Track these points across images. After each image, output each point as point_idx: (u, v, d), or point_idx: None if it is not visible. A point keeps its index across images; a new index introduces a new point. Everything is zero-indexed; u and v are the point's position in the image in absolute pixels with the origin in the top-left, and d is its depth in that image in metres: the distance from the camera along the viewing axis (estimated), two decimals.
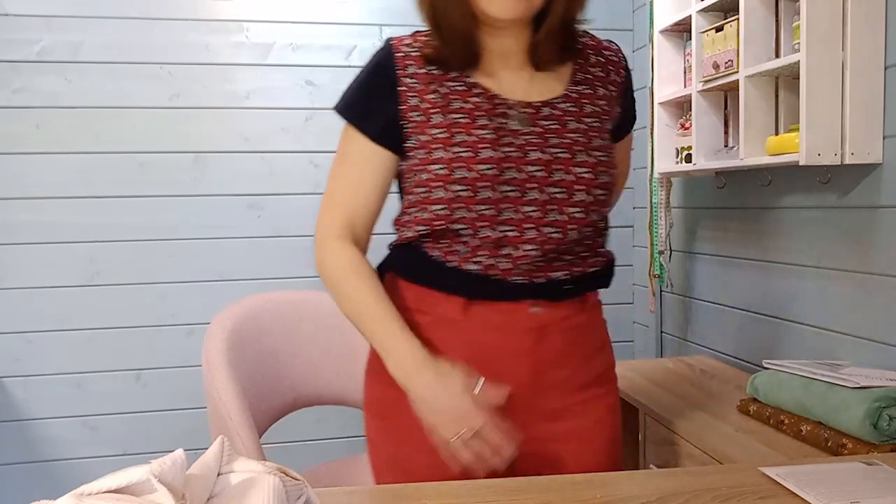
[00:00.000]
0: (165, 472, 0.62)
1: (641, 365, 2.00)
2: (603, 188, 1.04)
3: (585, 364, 1.10)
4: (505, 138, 1.00)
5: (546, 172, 1.00)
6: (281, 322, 1.85)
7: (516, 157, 0.99)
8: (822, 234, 1.63)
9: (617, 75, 1.11)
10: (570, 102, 1.05)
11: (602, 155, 1.04)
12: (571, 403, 1.08)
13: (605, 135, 1.07)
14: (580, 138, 1.03)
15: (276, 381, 1.82)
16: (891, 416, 1.22)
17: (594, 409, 1.11)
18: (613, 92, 1.10)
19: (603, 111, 1.08)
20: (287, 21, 2.35)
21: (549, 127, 1.02)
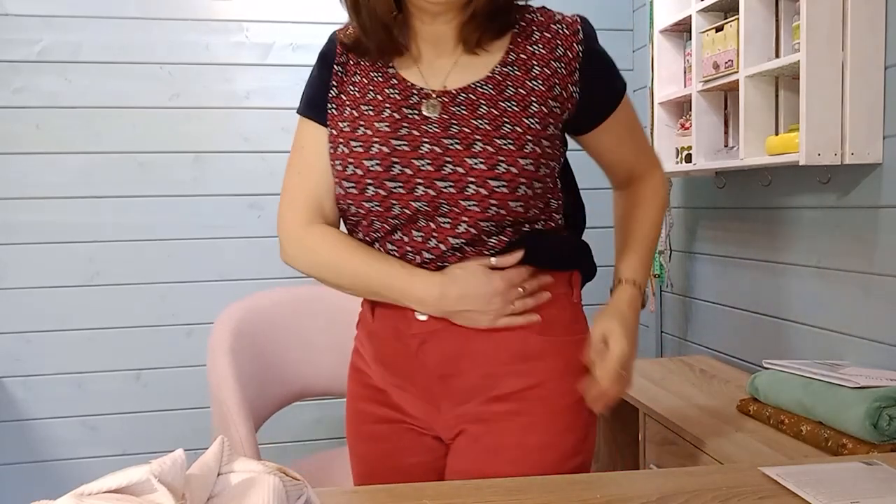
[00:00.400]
0: (165, 472, 0.62)
1: (641, 365, 2.00)
2: (503, 179, 0.92)
3: (488, 378, 0.99)
4: (402, 131, 0.96)
5: (435, 167, 0.93)
6: (285, 317, 1.90)
7: (405, 152, 0.95)
8: (822, 234, 1.63)
9: (568, 50, 0.98)
10: (491, 85, 0.96)
11: (510, 143, 0.93)
12: (467, 414, 1.01)
13: (530, 119, 0.95)
14: (486, 125, 0.94)
15: (278, 373, 1.85)
16: (891, 416, 1.23)
17: (497, 428, 0.99)
18: (560, 70, 0.97)
19: (533, 93, 0.96)
20: (287, 21, 2.35)
21: (458, 114, 0.95)
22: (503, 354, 0.99)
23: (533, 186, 0.95)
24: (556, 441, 0.99)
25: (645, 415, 1.65)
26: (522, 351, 0.99)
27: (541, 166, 0.95)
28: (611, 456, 2.09)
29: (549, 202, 1.01)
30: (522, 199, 0.94)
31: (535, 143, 0.95)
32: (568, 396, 1.00)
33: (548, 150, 0.97)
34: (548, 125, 0.97)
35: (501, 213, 0.93)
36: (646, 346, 2.50)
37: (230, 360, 1.60)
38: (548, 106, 0.97)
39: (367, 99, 1.00)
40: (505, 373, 0.99)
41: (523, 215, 0.96)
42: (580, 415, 1.01)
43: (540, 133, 0.96)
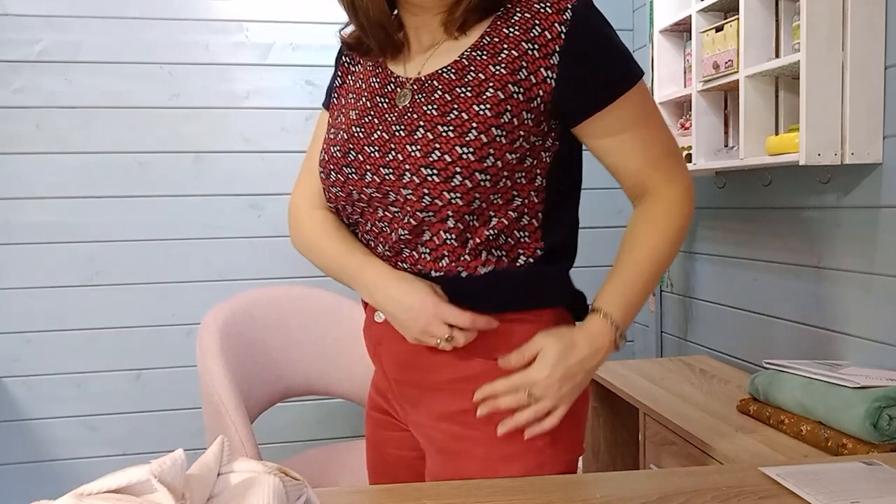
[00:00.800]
0: (165, 472, 0.62)
1: (641, 365, 2.00)
2: (436, 168, 0.87)
3: (433, 392, 0.97)
4: (365, 119, 0.96)
5: (381, 153, 0.92)
6: (272, 315, 1.94)
7: (360, 139, 0.95)
8: (822, 234, 1.63)
9: (547, 30, 0.88)
10: (455, 70, 0.92)
11: (450, 129, 0.88)
12: (423, 427, 0.99)
13: (481, 105, 0.89)
14: (434, 112, 0.90)
15: (267, 371, 1.89)
16: (891, 416, 1.22)
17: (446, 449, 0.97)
18: (531, 51, 0.89)
19: (493, 77, 0.89)
20: (287, 21, 2.35)
21: (417, 101, 0.93)
22: (445, 371, 0.96)
23: (474, 178, 0.87)
24: (498, 469, 0.94)
25: (645, 415, 1.65)
26: (465, 371, 0.95)
27: (487, 156, 0.87)
28: (611, 456, 2.09)
29: (516, 205, 0.92)
30: (460, 189, 0.87)
31: (482, 132, 0.87)
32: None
33: (500, 140, 0.88)
34: (502, 112, 0.88)
35: (437, 204, 0.88)
36: (646, 346, 2.50)
37: (222, 361, 1.61)
38: (506, 91, 0.88)
39: (354, 88, 1.03)
40: (447, 390, 0.96)
41: (466, 209, 0.88)
42: (528, 444, 0.94)
43: (490, 120, 0.88)
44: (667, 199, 0.96)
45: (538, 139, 0.92)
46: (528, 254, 0.94)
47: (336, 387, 2.04)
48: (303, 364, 1.99)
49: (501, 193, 0.90)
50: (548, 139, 0.93)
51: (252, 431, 1.53)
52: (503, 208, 0.91)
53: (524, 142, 0.90)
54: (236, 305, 1.86)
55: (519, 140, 0.90)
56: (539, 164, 0.93)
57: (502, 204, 0.91)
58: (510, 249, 0.93)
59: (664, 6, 2.01)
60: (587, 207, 1.59)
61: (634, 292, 0.94)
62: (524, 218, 0.93)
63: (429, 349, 0.94)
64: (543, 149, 0.93)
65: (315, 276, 2.38)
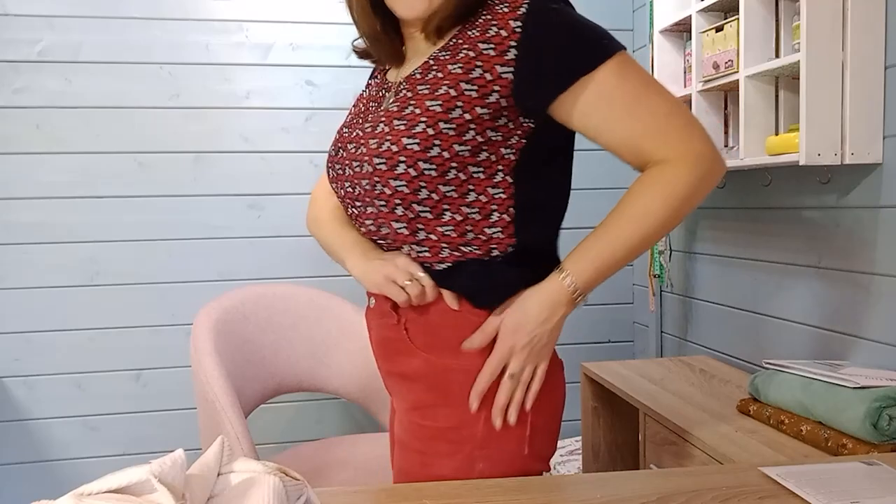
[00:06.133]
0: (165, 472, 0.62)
1: (641, 365, 2.00)
2: (384, 157, 0.92)
3: (403, 383, 1.02)
4: (355, 120, 1.05)
5: (354, 149, 0.99)
6: (262, 313, 1.97)
7: (345, 137, 1.04)
8: (822, 234, 1.63)
9: (502, 29, 0.91)
10: (421, 71, 0.97)
11: (403, 123, 0.92)
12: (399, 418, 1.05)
13: (433, 101, 0.92)
14: (394, 109, 0.95)
15: (258, 368, 1.91)
16: (891, 416, 1.22)
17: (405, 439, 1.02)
18: (487, 51, 0.91)
19: (449, 76, 0.92)
20: (287, 21, 2.35)
21: (389, 101, 1.00)
22: (409, 362, 1.00)
23: (418, 167, 0.91)
24: (433, 463, 0.97)
25: (645, 415, 1.65)
26: (428, 366, 0.98)
27: (432, 147, 0.91)
28: (611, 456, 2.09)
29: (471, 200, 0.94)
30: (404, 177, 0.91)
31: (430, 125, 0.91)
32: (449, 420, 0.97)
33: (447, 132, 0.91)
34: (452, 108, 0.91)
35: (385, 193, 0.93)
36: (646, 346, 2.50)
37: (216, 360, 1.63)
38: (458, 89, 0.91)
39: (359, 97, 1.12)
40: (408, 382, 1.01)
41: (413, 197, 0.92)
42: (460, 441, 0.96)
43: (439, 115, 0.91)
44: (663, 167, 0.92)
45: (496, 134, 0.93)
46: (501, 250, 0.96)
47: (326, 383, 2.06)
48: (293, 361, 2.01)
49: (455, 187, 0.93)
50: (513, 136, 0.94)
51: (247, 428, 1.54)
52: (457, 202, 0.94)
53: (477, 135, 0.92)
54: (227, 304, 1.88)
55: (469, 132, 0.92)
56: (500, 161, 0.94)
57: (457, 198, 0.94)
58: (482, 244, 0.95)
59: (664, 6, 2.01)
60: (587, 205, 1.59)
61: (605, 255, 0.93)
62: (493, 214, 0.95)
63: (392, 338, 1.00)
64: (504, 145, 0.94)
65: (314, 276, 2.39)
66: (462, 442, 0.96)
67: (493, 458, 0.96)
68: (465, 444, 0.96)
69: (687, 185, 0.91)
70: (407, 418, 1.02)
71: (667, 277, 2.30)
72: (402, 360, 1.01)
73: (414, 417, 1.00)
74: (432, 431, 0.98)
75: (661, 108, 0.93)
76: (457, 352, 0.96)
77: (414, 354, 0.99)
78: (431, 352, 0.97)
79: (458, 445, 0.96)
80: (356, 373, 2.03)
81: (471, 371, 0.96)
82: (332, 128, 2.38)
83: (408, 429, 1.01)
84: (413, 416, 1.00)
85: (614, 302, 2.58)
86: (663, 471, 0.98)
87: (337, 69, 2.37)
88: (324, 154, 2.39)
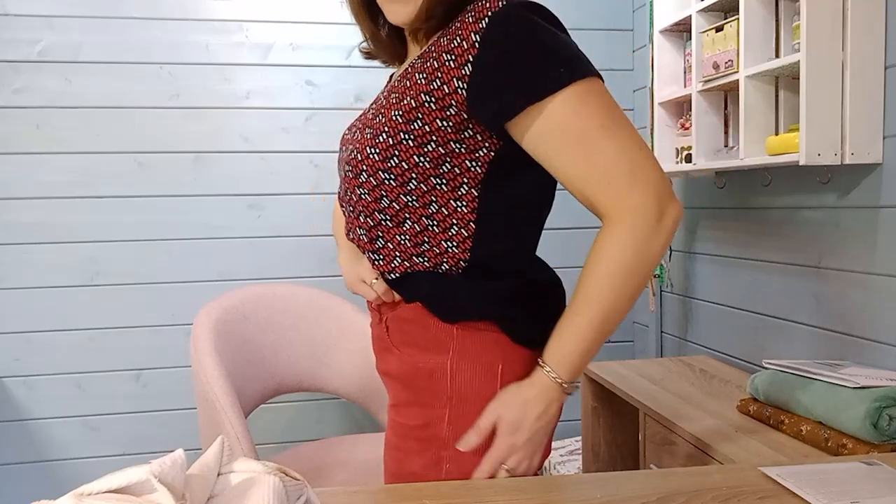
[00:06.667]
0: (165, 472, 0.62)
1: (641, 365, 2.00)
2: (350, 164, 0.96)
3: (387, 380, 1.04)
4: (357, 122, 1.06)
5: (346, 153, 1.01)
6: (262, 313, 1.97)
7: (342, 140, 1.06)
8: (822, 234, 1.63)
9: (464, 41, 0.86)
10: (398, 77, 0.97)
11: (370, 131, 0.94)
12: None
13: (395, 111, 0.91)
14: (369, 116, 0.98)
15: (258, 368, 1.92)
16: (891, 416, 1.22)
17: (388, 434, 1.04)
18: (448, 62, 0.87)
19: (413, 86, 0.90)
20: (287, 21, 2.35)
21: None
22: (390, 362, 1.01)
23: (378, 177, 0.92)
24: (405, 460, 0.99)
25: (645, 415, 1.65)
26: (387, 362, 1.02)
27: (391, 157, 0.90)
28: (611, 456, 2.09)
29: (432, 211, 0.93)
30: (366, 186, 0.94)
31: (390, 135, 0.90)
32: (417, 418, 0.97)
33: (406, 143, 0.89)
34: (413, 119, 0.89)
35: (352, 199, 0.97)
36: (646, 346, 2.50)
37: (216, 359, 1.63)
38: (419, 100, 0.89)
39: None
40: (385, 378, 1.04)
41: (375, 206, 0.94)
42: (429, 439, 0.96)
43: (399, 126, 0.90)
44: (605, 231, 0.86)
45: (460, 146, 0.90)
46: (451, 264, 0.94)
47: (326, 383, 2.06)
48: (293, 361, 2.01)
49: (417, 196, 0.93)
50: (479, 148, 0.90)
51: (247, 428, 1.54)
52: (417, 212, 0.93)
53: (439, 147, 0.90)
54: (227, 304, 1.88)
55: (430, 144, 0.90)
56: (465, 173, 0.91)
57: (418, 207, 0.93)
58: (434, 257, 0.94)
59: (664, 6, 2.01)
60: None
61: (579, 342, 0.89)
62: (452, 228, 0.93)
63: (378, 336, 1.03)
64: (470, 157, 0.90)
65: (314, 276, 2.39)
66: (429, 440, 0.96)
67: (458, 459, 0.95)
68: (431, 443, 0.96)
69: (631, 251, 0.85)
70: (389, 416, 1.04)
71: (667, 277, 2.30)
72: (385, 357, 1.03)
73: (392, 414, 1.02)
74: (405, 429, 0.99)
75: (608, 153, 0.84)
76: (425, 351, 0.96)
77: (392, 352, 1.00)
78: (405, 350, 0.98)
79: (426, 443, 0.97)
80: (356, 373, 2.03)
81: (435, 373, 0.95)
82: (332, 128, 2.38)
83: (389, 426, 1.04)
84: (392, 413, 1.02)
85: None
86: (663, 471, 0.98)
87: (337, 69, 2.37)
88: (324, 154, 2.39)
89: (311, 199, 2.38)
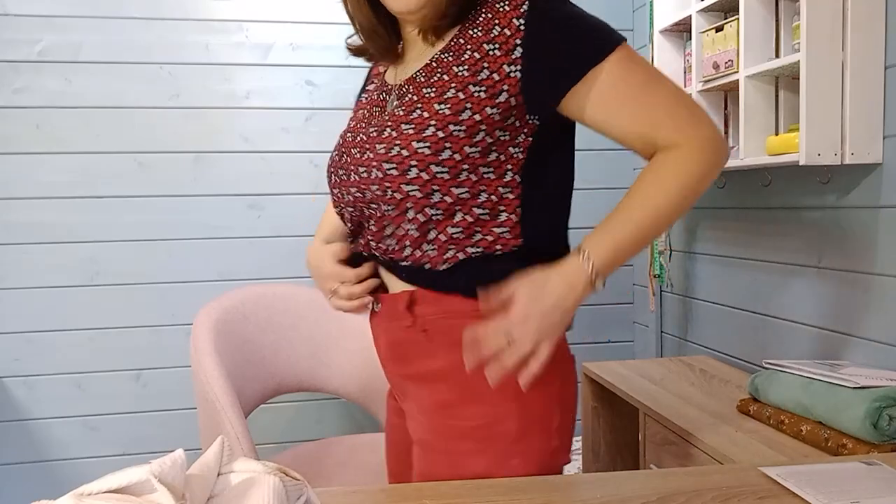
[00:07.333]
0: (165, 472, 0.62)
1: (641, 365, 2.00)
2: (394, 162, 0.92)
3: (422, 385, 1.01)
4: (359, 124, 1.04)
5: (360, 153, 0.98)
6: (262, 313, 1.97)
7: (349, 142, 1.03)
8: (822, 234, 1.63)
9: (506, 28, 0.92)
10: (425, 73, 0.97)
11: (411, 127, 0.93)
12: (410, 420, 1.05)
13: (441, 104, 0.93)
14: (401, 113, 0.96)
15: (258, 368, 1.91)
16: (891, 416, 1.23)
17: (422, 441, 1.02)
18: (492, 51, 0.92)
19: (455, 79, 0.93)
20: (287, 21, 2.35)
21: (393, 104, 1.00)
22: (421, 362, 0.99)
23: (430, 171, 0.92)
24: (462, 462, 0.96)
25: (645, 415, 1.65)
26: (440, 364, 0.97)
27: (444, 150, 0.91)
28: (611, 456, 2.09)
29: (483, 200, 0.94)
30: (416, 182, 0.92)
31: (439, 128, 0.92)
32: (479, 418, 0.96)
33: (457, 134, 0.91)
34: (461, 111, 0.92)
35: (396, 197, 0.93)
36: (646, 346, 2.50)
37: (216, 359, 1.63)
38: (467, 91, 0.92)
39: (358, 103, 1.11)
40: (424, 382, 1.00)
41: (425, 201, 0.93)
42: (493, 438, 0.95)
43: (448, 118, 0.92)
44: (674, 152, 0.93)
45: (505, 133, 0.93)
46: (506, 250, 0.96)
47: (326, 383, 2.06)
48: (293, 361, 2.01)
49: (467, 188, 0.94)
50: (519, 135, 0.94)
51: (247, 428, 1.54)
52: (468, 203, 0.94)
53: (487, 136, 0.92)
54: (227, 304, 1.88)
55: (480, 134, 0.92)
56: (509, 160, 0.95)
57: (468, 199, 0.94)
58: (488, 245, 0.95)
59: (664, 6, 2.01)
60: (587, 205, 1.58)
61: (622, 237, 0.92)
62: (502, 214, 0.95)
63: (407, 340, 0.99)
64: (513, 144, 0.94)
65: None
66: (493, 439, 0.95)
67: (527, 453, 0.95)
68: (496, 441, 0.95)
69: (698, 168, 0.92)
70: (429, 419, 0.99)
71: (667, 277, 2.30)
72: (420, 361, 0.99)
73: (439, 418, 0.98)
74: (460, 430, 0.96)
75: (668, 96, 0.94)
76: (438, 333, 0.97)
77: (434, 355, 0.97)
78: (454, 350, 0.95)
79: (488, 443, 0.95)
80: (356, 373, 2.03)
81: None
82: (332, 128, 2.38)
83: (431, 429, 0.99)
84: (437, 417, 0.98)
85: (614, 302, 2.58)
86: (663, 471, 0.98)
87: (337, 69, 2.37)
88: (324, 154, 2.39)
89: (311, 199, 2.38)
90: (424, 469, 1.00)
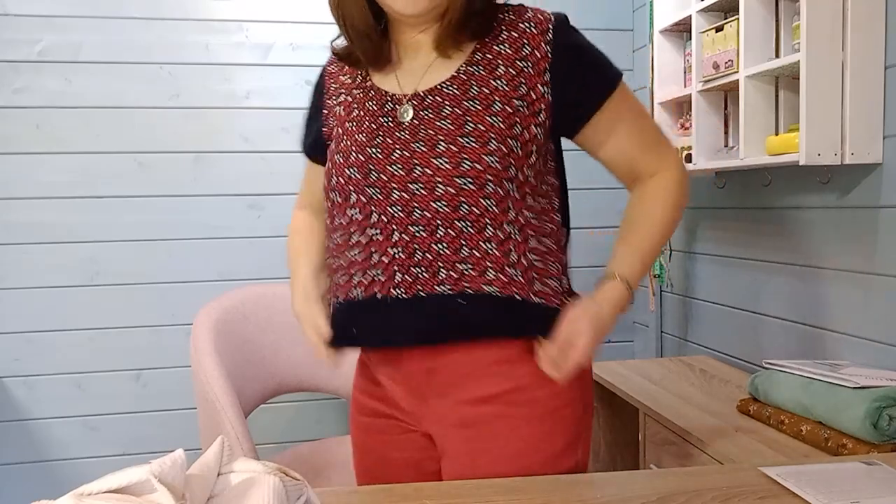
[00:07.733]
0: (165, 472, 0.62)
1: (641, 365, 2.00)
2: (469, 176, 0.92)
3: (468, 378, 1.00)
4: (377, 139, 0.98)
5: (405, 170, 0.95)
6: (262, 313, 1.97)
7: (380, 159, 0.97)
8: (822, 234, 1.64)
9: (536, 50, 0.97)
10: (456, 85, 0.97)
11: (472, 140, 0.93)
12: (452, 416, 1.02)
13: (493, 118, 0.94)
14: (449, 125, 0.95)
15: (258, 368, 1.92)
16: (891, 416, 1.23)
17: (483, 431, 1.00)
18: (526, 69, 0.96)
19: (497, 92, 0.96)
20: (287, 21, 2.35)
21: (425, 117, 0.97)
22: (480, 354, 0.98)
23: (504, 186, 0.93)
24: (542, 445, 0.97)
25: (645, 415, 1.65)
26: (500, 352, 0.98)
27: (510, 166, 0.93)
28: (611, 456, 2.09)
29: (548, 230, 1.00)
30: (494, 196, 0.93)
31: (500, 142, 0.94)
32: (554, 400, 0.98)
33: (515, 151, 0.94)
34: (513, 125, 0.95)
35: (474, 213, 0.92)
36: (646, 346, 2.50)
37: (216, 359, 1.63)
38: (512, 105, 0.95)
39: (352, 116, 1.04)
40: (483, 374, 0.98)
41: (503, 217, 0.93)
42: (567, 418, 0.99)
43: (504, 132, 0.94)
44: (665, 178, 1.04)
45: (545, 153, 1.00)
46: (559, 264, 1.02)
47: (326, 383, 2.06)
48: (293, 361, 2.01)
49: (536, 214, 0.98)
50: (549, 161, 1.01)
51: (247, 428, 1.54)
52: (538, 231, 0.98)
53: (536, 156, 0.97)
54: (227, 304, 1.88)
55: (532, 155, 0.97)
56: (549, 181, 1.01)
57: (538, 225, 0.98)
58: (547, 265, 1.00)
59: (664, 6, 2.01)
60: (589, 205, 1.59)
61: (645, 254, 1.02)
62: (554, 244, 1.01)
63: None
64: (545, 163, 1.00)
65: None
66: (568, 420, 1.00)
67: (587, 440, 1.04)
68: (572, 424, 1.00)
69: (685, 195, 1.06)
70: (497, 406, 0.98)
71: (667, 277, 2.30)
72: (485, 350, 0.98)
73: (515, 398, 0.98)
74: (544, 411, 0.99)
75: (654, 128, 1.07)
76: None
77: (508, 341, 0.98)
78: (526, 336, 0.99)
79: (565, 424, 1.00)
80: None
81: None
82: None
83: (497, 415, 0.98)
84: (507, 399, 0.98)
85: None
86: (663, 471, 0.98)
87: None
88: None
89: None
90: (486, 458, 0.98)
